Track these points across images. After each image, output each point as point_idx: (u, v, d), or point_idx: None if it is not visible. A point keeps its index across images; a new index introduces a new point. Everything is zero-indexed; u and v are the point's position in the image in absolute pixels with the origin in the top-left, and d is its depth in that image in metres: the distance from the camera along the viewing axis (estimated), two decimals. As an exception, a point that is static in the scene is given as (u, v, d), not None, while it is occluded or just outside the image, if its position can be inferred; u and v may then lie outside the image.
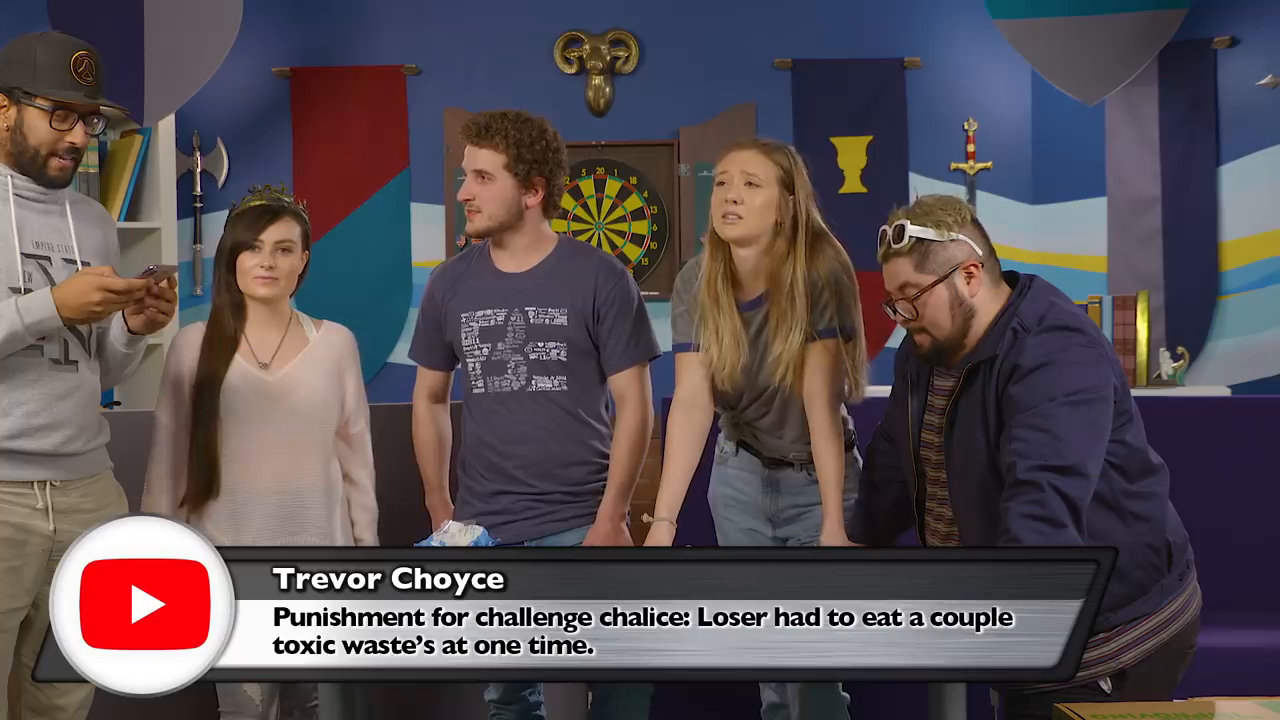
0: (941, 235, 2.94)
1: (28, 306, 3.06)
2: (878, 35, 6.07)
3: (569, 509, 3.58)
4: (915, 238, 2.94)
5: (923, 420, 3.06)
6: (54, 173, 3.19)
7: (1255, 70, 5.75)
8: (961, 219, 2.96)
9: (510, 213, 3.55)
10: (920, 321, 2.96)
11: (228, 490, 3.49)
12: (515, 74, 6.01)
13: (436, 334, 3.68)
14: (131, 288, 3.10)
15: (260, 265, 3.49)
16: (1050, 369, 2.82)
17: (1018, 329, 2.89)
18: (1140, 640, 2.92)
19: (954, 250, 2.94)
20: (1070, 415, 2.80)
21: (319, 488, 3.55)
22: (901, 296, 2.97)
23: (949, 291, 2.94)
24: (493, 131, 3.53)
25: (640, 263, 6.02)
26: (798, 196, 3.37)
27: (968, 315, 2.95)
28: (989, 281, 2.96)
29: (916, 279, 2.95)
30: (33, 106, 3.15)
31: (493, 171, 3.53)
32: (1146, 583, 2.92)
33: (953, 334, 2.96)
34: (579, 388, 3.58)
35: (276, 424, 3.49)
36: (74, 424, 3.20)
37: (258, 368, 3.51)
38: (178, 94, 5.35)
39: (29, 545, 3.13)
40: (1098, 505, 2.86)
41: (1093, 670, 2.88)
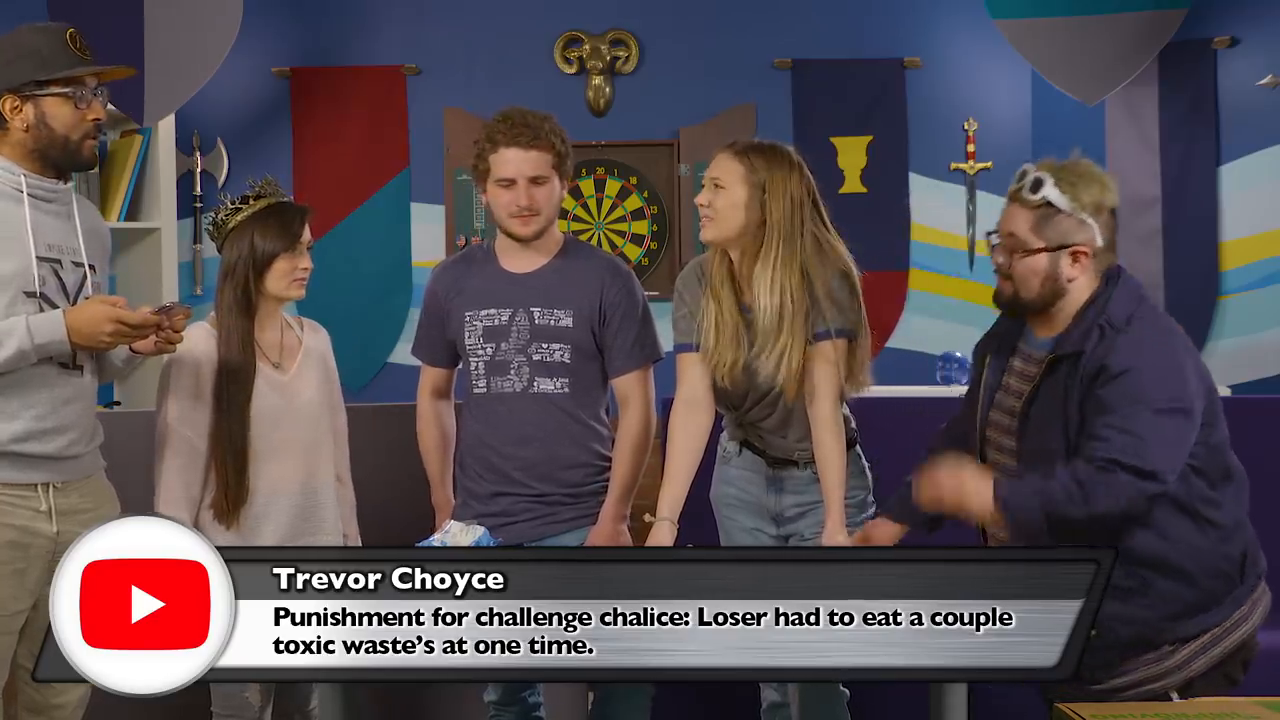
0: (1073, 210, 2.86)
1: (38, 327, 3.06)
2: (878, 35, 6.07)
3: (569, 510, 3.57)
4: (1047, 199, 2.86)
5: (993, 400, 3.02)
6: (88, 153, 3.21)
7: (1255, 70, 5.74)
8: (1099, 204, 2.88)
9: (557, 211, 3.57)
10: (1009, 272, 2.92)
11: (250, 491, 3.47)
12: (515, 74, 6.01)
13: (439, 331, 3.67)
14: (145, 323, 3.11)
15: (299, 267, 3.45)
16: (1139, 374, 2.77)
17: (1105, 326, 2.83)
18: (1207, 647, 2.88)
19: (1075, 229, 2.87)
20: (1156, 422, 2.75)
21: (329, 486, 3.55)
22: (1005, 242, 2.92)
23: (1049, 264, 2.88)
24: (543, 133, 3.50)
25: (640, 263, 6.02)
26: (769, 198, 3.36)
27: (1057, 293, 2.89)
28: (1093, 270, 2.89)
29: (1026, 238, 2.88)
30: (50, 95, 3.14)
31: (547, 174, 3.51)
32: (1220, 593, 2.87)
33: (1033, 301, 2.91)
34: (581, 390, 3.57)
35: (293, 424, 3.48)
36: (78, 428, 3.21)
37: (273, 368, 3.49)
38: (178, 94, 5.35)
39: (33, 548, 3.14)
40: (1174, 509, 2.82)
41: (1164, 682, 2.87)
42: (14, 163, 3.16)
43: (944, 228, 6.09)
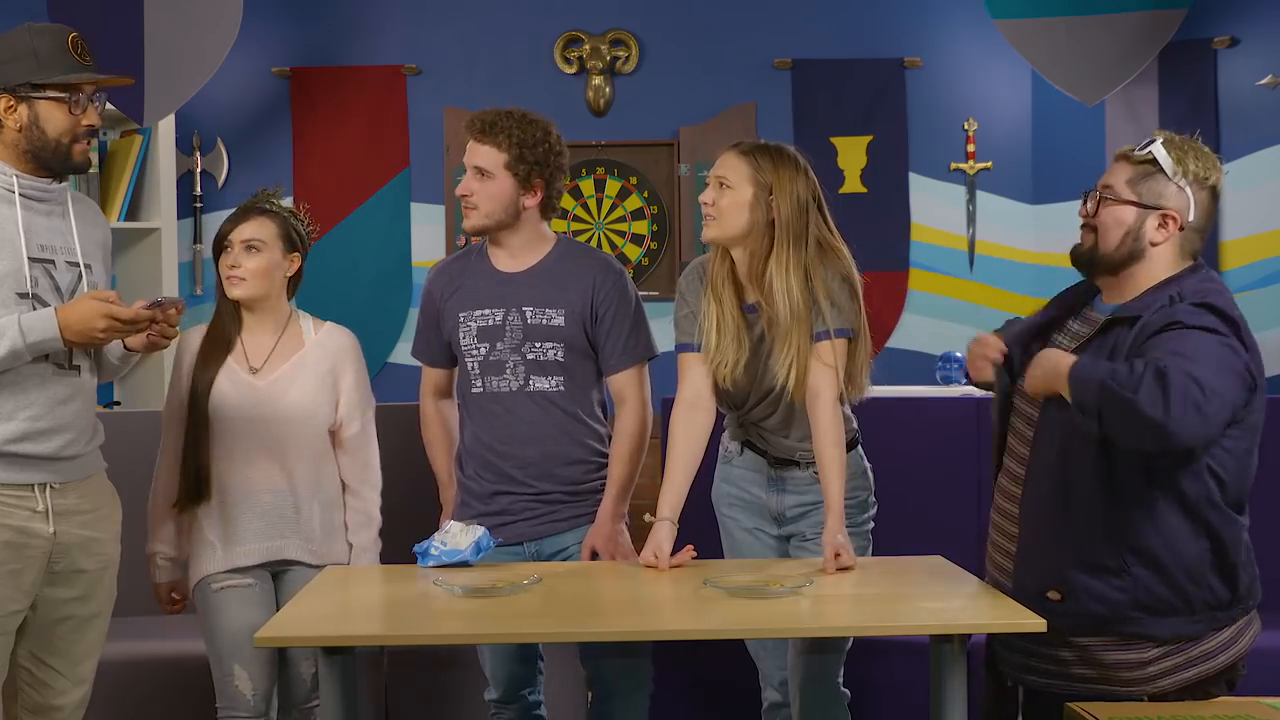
0: (1174, 173, 2.86)
1: (31, 325, 3.05)
2: (878, 35, 6.07)
3: (568, 509, 3.57)
4: (1154, 157, 2.86)
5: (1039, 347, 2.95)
6: (79, 158, 3.19)
7: (1255, 70, 5.74)
8: (1202, 179, 2.87)
9: (507, 212, 3.54)
10: (1094, 221, 2.91)
11: (218, 491, 3.51)
12: (515, 74, 6.01)
13: (436, 332, 3.68)
14: (138, 318, 3.10)
15: (228, 265, 3.52)
16: (1202, 334, 2.72)
17: (1175, 296, 2.81)
18: (1180, 669, 2.87)
19: (1172, 193, 2.86)
20: (1214, 355, 2.69)
21: (310, 492, 3.56)
22: (1098, 193, 2.91)
23: (1135, 219, 2.87)
24: (496, 129, 3.52)
25: (640, 263, 6.02)
26: (776, 198, 3.36)
27: (1136, 252, 2.88)
28: (1179, 246, 2.88)
29: (1121, 189, 2.89)
30: (45, 99, 3.14)
31: (492, 169, 3.52)
32: (1195, 602, 2.86)
33: (1109, 254, 2.89)
34: (576, 388, 3.57)
35: (264, 428, 3.51)
36: (75, 428, 3.20)
37: (248, 372, 3.53)
38: (178, 94, 5.34)
39: (29, 549, 3.13)
40: (1176, 508, 2.81)
41: (1133, 689, 2.87)
42: (6, 163, 3.16)
43: (944, 228, 6.09)
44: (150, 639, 4.07)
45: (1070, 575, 2.87)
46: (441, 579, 3.13)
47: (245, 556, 3.52)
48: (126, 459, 3.49)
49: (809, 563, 3.35)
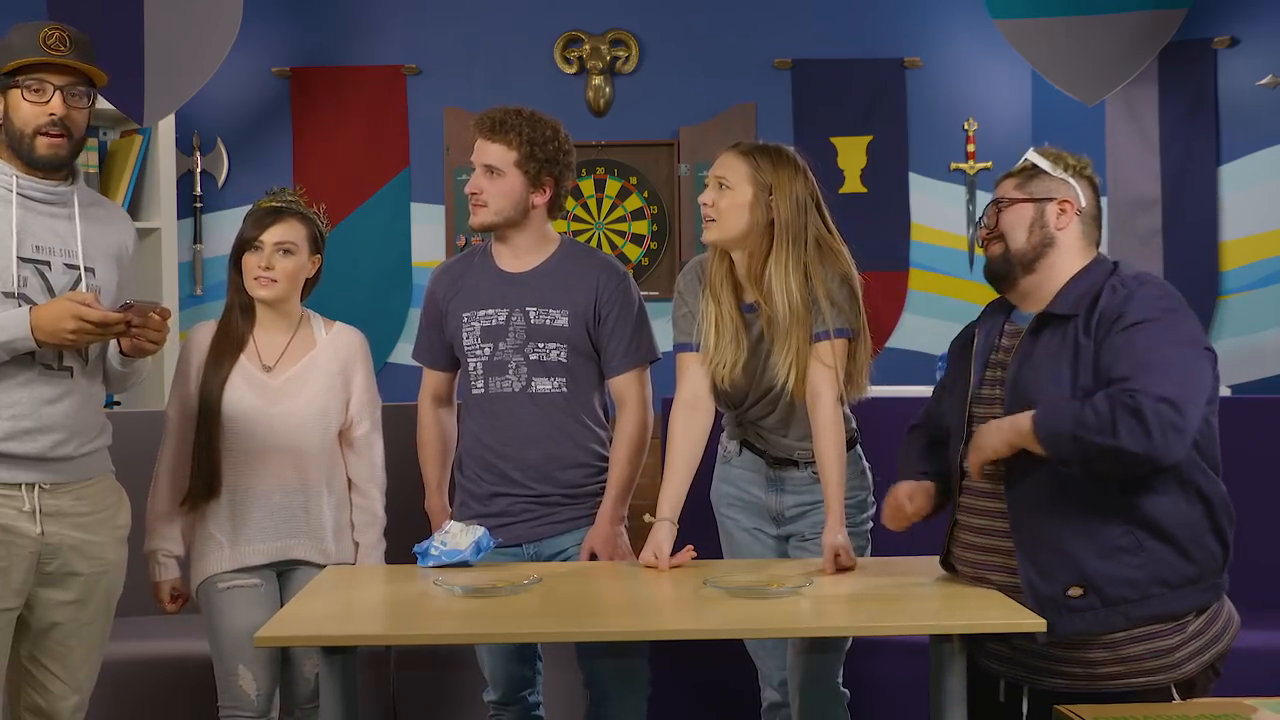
0: (1054, 170, 3.02)
1: (3, 324, 3.04)
2: (878, 35, 6.07)
3: (567, 511, 3.58)
4: (1032, 163, 3.04)
5: (983, 378, 3.06)
6: (43, 151, 3.13)
7: (1255, 70, 5.74)
8: (1080, 169, 3.04)
9: (516, 210, 3.54)
10: (997, 229, 3.02)
11: (228, 489, 3.51)
12: (515, 74, 6.01)
13: (438, 334, 3.67)
14: (107, 321, 3.06)
15: (259, 266, 3.51)
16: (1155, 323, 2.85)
17: (1117, 285, 2.93)
18: (1200, 652, 2.90)
19: (1058, 185, 3.02)
20: (1177, 355, 2.82)
21: (320, 491, 3.56)
22: (991, 208, 3.05)
23: (1034, 212, 3.01)
24: (507, 127, 3.52)
25: (640, 263, 6.02)
26: (776, 199, 3.36)
27: (1045, 242, 3.00)
28: (1081, 232, 3.02)
29: (1014, 194, 3.03)
30: (14, 89, 3.13)
31: (503, 167, 3.52)
32: (1206, 568, 2.92)
33: (1022, 249, 3.00)
34: (578, 389, 3.57)
35: (277, 427, 3.51)
36: (65, 428, 3.18)
37: (261, 370, 3.52)
38: (178, 94, 5.34)
39: (15, 546, 3.13)
40: (1172, 478, 2.86)
41: (1160, 677, 2.88)
42: (6, 162, 3.16)
43: (944, 228, 6.09)
44: (151, 639, 4.07)
45: (1087, 566, 2.87)
46: (441, 579, 3.14)
47: (254, 555, 3.52)
48: (126, 459, 3.48)
49: (808, 563, 3.35)
